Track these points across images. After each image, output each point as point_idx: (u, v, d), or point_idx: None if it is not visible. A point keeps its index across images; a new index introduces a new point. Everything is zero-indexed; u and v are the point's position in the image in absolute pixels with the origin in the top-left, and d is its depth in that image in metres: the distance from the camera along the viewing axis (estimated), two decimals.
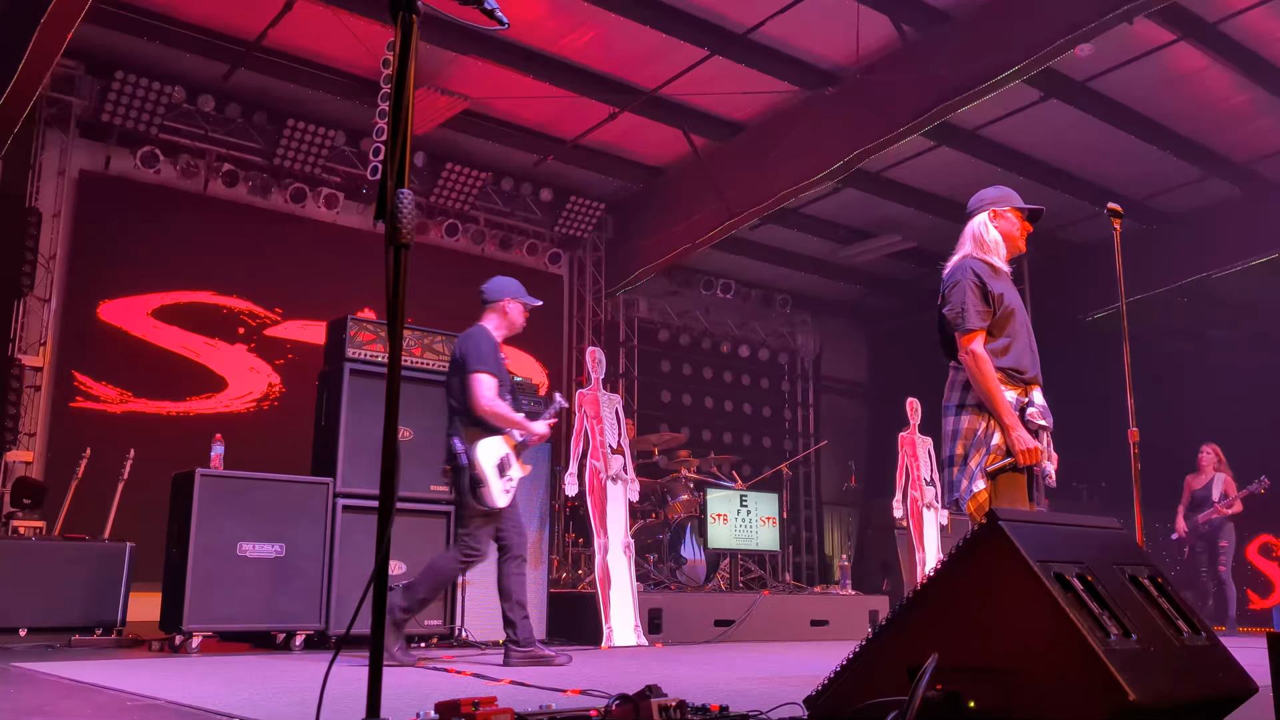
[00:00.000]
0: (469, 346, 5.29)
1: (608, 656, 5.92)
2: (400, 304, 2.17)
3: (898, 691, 2.34)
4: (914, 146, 8.94)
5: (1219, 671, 2.50)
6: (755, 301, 12.66)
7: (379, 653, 2.06)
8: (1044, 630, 2.27)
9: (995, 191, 4.20)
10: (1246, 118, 8.85)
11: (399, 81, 2.18)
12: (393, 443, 2.11)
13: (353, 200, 9.30)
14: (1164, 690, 2.24)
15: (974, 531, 2.47)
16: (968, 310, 3.87)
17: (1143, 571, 2.61)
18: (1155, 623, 2.45)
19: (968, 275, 3.94)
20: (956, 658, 2.36)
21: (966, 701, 2.32)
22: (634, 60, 8.25)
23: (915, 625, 2.53)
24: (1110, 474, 10.52)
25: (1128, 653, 2.24)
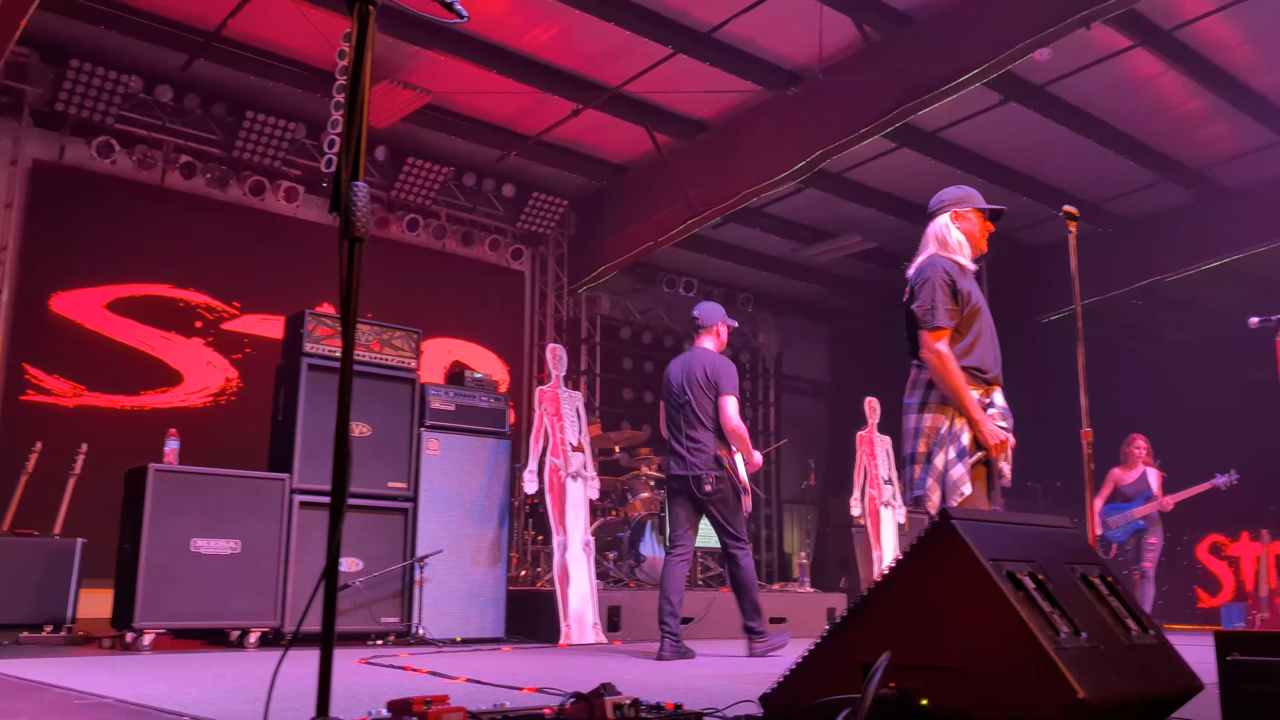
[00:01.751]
0: (721, 370, 5.89)
1: (565, 654, 5.91)
2: (354, 298, 2.14)
3: (852, 689, 2.35)
4: (875, 148, 9.00)
5: (1166, 669, 2.53)
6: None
7: (329, 651, 2.04)
8: (996, 628, 2.29)
9: (956, 191, 4.24)
10: (1200, 123, 8.99)
11: (355, 73, 2.15)
12: (345, 438, 2.08)
13: (313, 194, 9.20)
14: (1113, 688, 2.27)
15: (927, 530, 2.49)
16: (937, 308, 3.90)
17: (1093, 570, 2.64)
18: (1105, 621, 2.48)
19: (938, 272, 3.97)
20: (910, 655, 2.38)
21: (919, 699, 2.33)
22: (598, 57, 8.23)
23: (869, 623, 2.55)
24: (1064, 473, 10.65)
25: (1077, 651, 2.27)
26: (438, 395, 6.90)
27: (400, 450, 6.66)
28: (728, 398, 5.81)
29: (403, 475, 6.62)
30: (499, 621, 6.84)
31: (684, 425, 5.84)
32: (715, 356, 5.97)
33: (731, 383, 5.86)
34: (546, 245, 11.05)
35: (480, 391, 7.15)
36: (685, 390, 5.87)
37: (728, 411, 5.78)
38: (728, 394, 5.81)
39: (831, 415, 13.50)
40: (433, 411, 6.83)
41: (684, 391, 5.87)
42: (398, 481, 6.60)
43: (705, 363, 5.90)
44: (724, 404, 5.79)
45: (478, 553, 6.83)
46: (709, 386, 5.84)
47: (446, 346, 10.07)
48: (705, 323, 6.12)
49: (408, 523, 6.59)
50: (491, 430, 7.08)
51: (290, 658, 2.30)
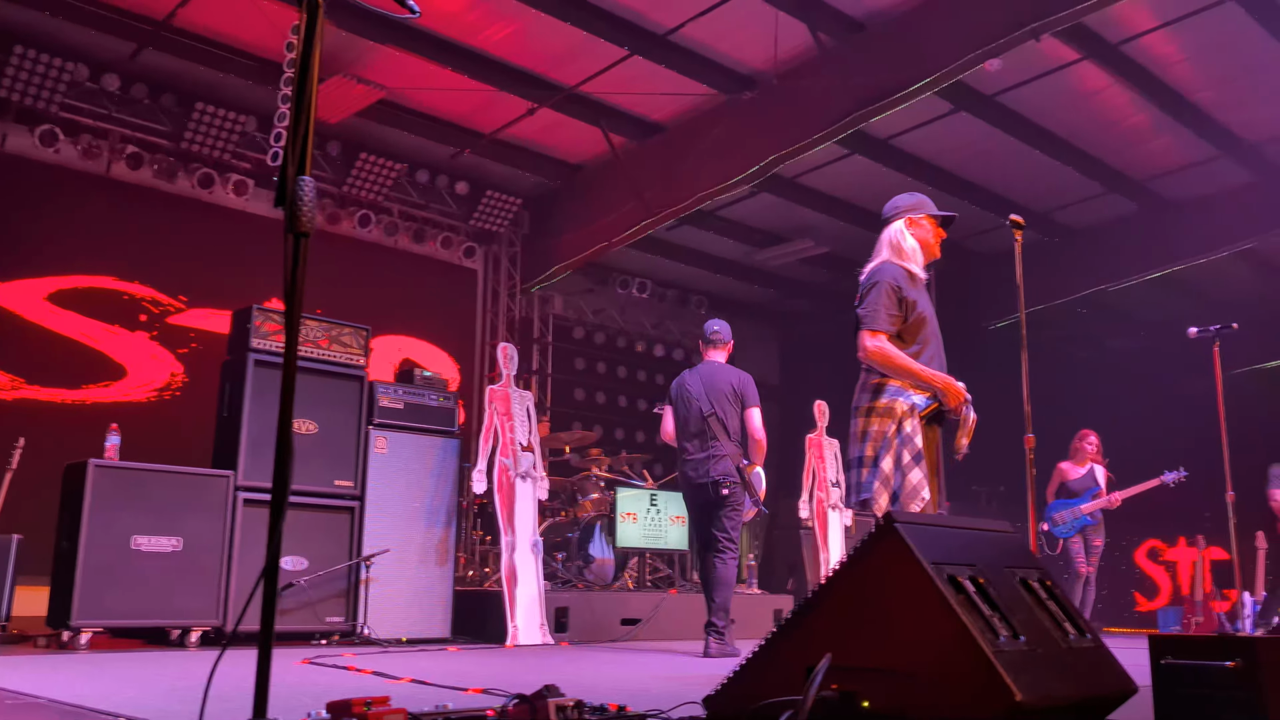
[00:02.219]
0: (747, 384, 6.28)
1: (512, 655, 5.88)
2: (299, 293, 2.11)
3: (796, 691, 2.37)
4: (828, 153, 9.07)
5: (1102, 672, 2.58)
6: (671, 301, 12.72)
7: (267, 650, 2.01)
8: (936, 631, 2.32)
9: (910, 199, 4.29)
10: (1145, 137, 9.18)
11: (303, 67, 2.13)
12: (287, 436, 2.05)
13: (263, 188, 9.08)
14: (1050, 691, 2.31)
15: (871, 534, 2.51)
16: (879, 311, 3.97)
17: (1033, 574, 2.68)
18: (1043, 625, 2.52)
19: (886, 278, 4.04)
20: (853, 658, 2.40)
21: (861, 701, 2.35)
22: (554, 56, 8.22)
23: (813, 625, 2.56)
24: (1008, 478, 10.82)
25: (1016, 654, 2.30)
26: (386, 393, 6.84)
27: (347, 448, 6.59)
28: (756, 409, 6.22)
29: (350, 473, 6.56)
30: (445, 622, 6.79)
31: (708, 436, 6.12)
32: (738, 371, 6.32)
33: (757, 395, 6.28)
34: (500, 244, 11.01)
35: (430, 390, 7.10)
36: (710, 403, 6.15)
37: (757, 423, 6.19)
38: (756, 406, 6.23)
39: (782, 418, 13.58)
40: (381, 410, 6.77)
41: (709, 404, 6.14)
42: (344, 480, 6.53)
43: (731, 377, 6.25)
44: (753, 415, 6.20)
45: (425, 552, 6.78)
46: (735, 400, 6.20)
47: (397, 344, 10.00)
48: (726, 338, 6.46)
49: (354, 521, 6.52)
50: (440, 429, 7.03)
51: (232, 657, 2.28)
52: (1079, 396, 10.85)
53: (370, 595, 6.41)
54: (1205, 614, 9.39)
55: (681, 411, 6.27)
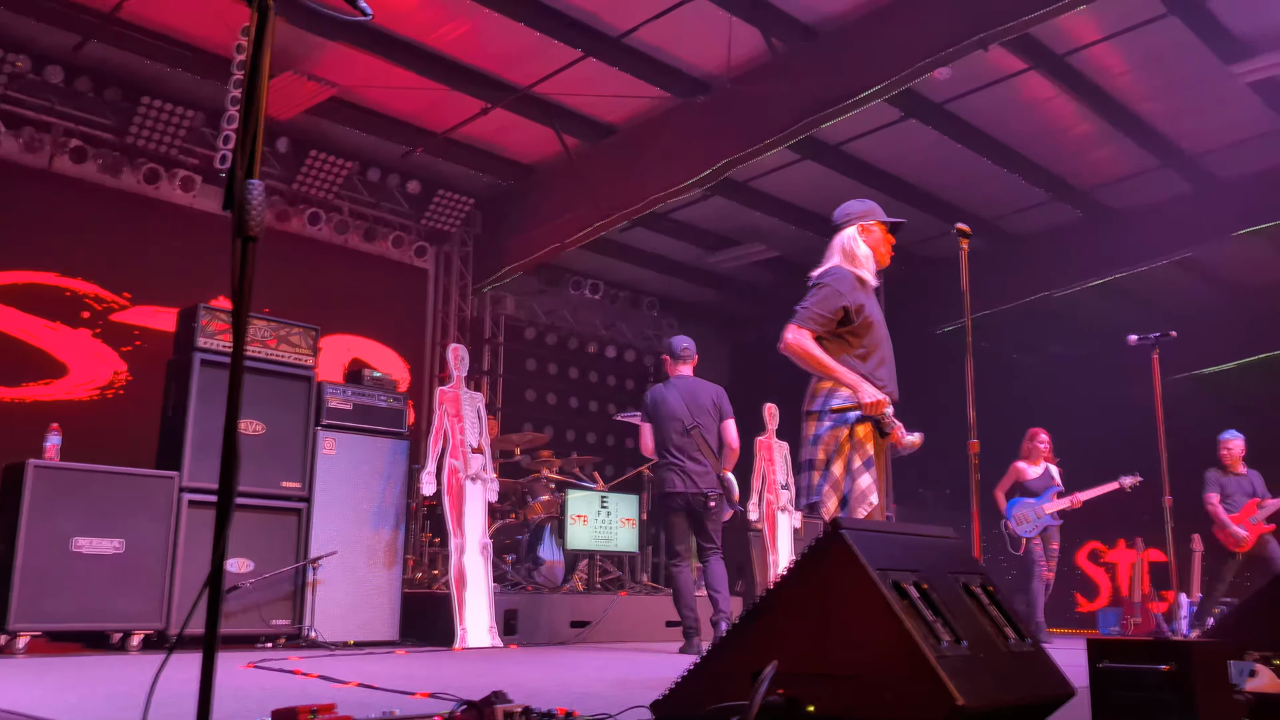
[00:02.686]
0: (723, 396, 6.72)
1: (461, 658, 5.86)
2: (246, 298, 2.09)
3: (744, 696, 2.39)
4: (780, 158, 9.13)
5: (1041, 676, 2.63)
6: (623, 303, 12.73)
7: (211, 655, 1.99)
8: (881, 636, 2.35)
9: (861, 205, 4.34)
10: (1089, 146, 9.35)
11: (253, 69, 2.11)
12: (233, 439, 2.03)
13: (210, 184, 8.95)
14: (991, 695, 2.35)
15: (817, 540, 2.55)
16: (811, 310, 4.03)
17: (975, 580, 2.73)
18: (985, 630, 2.57)
19: (833, 282, 4.09)
20: (799, 663, 2.43)
21: (806, 706, 2.38)
22: (507, 56, 8.19)
23: (761, 630, 2.59)
24: (954, 481, 10.96)
25: (958, 659, 2.34)
26: (335, 394, 6.78)
27: (295, 449, 6.53)
28: (732, 420, 6.66)
29: (297, 475, 6.49)
30: (394, 624, 6.75)
31: (690, 448, 6.47)
32: (713, 385, 6.75)
33: (731, 407, 6.72)
34: (451, 244, 10.95)
35: (379, 391, 7.05)
36: (693, 417, 6.51)
37: (734, 433, 6.63)
38: (731, 417, 6.67)
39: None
40: (329, 410, 6.71)
41: (692, 418, 6.50)
42: (292, 481, 6.47)
43: (710, 391, 6.65)
44: (731, 426, 6.63)
45: (373, 554, 6.73)
46: (715, 413, 6.60)
47: (346, 344, 9.90)
48: (694, 353, 6.84)
49: (301, 523, 6.46)
50: (389, 430, 6.99)
51: (175, 661, 2.25)
52: (1023, 401, 11.02)
53: (317, 598, 6.35)
54: (1143, 615, 9.59)
55: (664, 425, 6.55)
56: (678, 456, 6.47)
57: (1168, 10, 7.33)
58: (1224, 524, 8.30)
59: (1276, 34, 7.49)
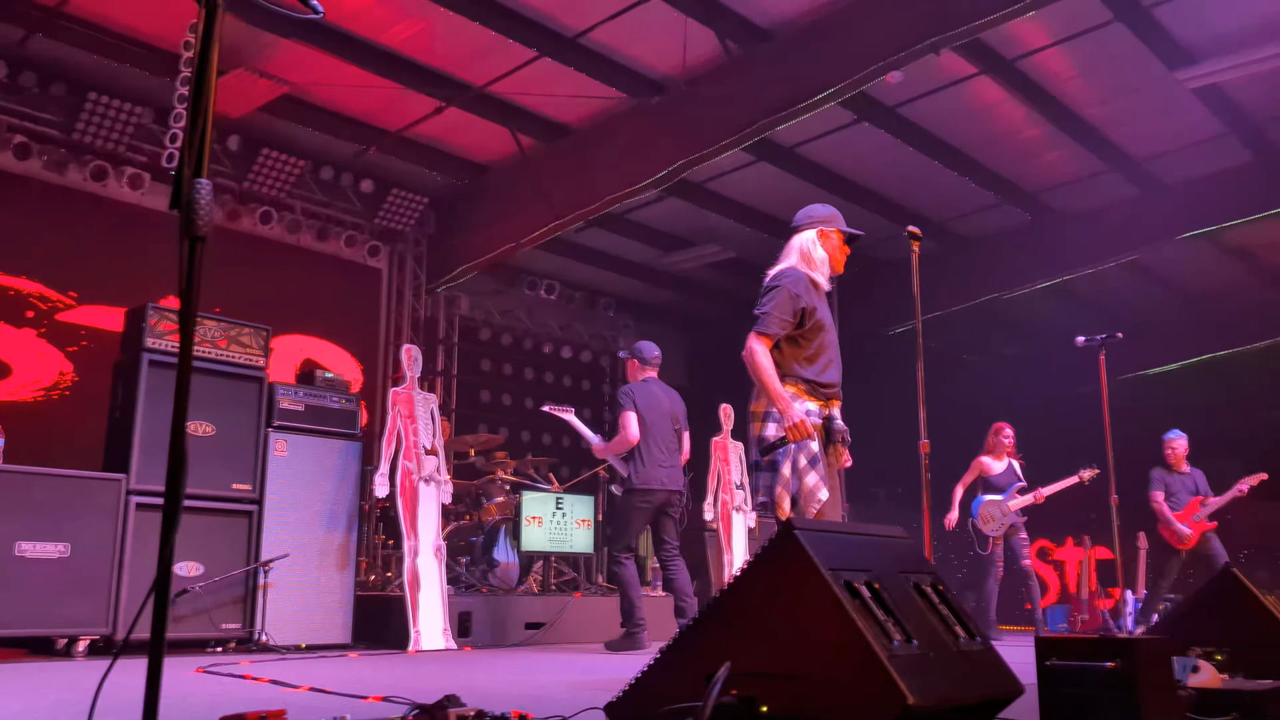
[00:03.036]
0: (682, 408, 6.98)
1: (414, 661, 5.82)
2: (194, 299, 2.06)
3: (698, 696, 2.40)
4: (735, 160, 9.17)
5: (990, 674, 2.67)
6: (579, 304, 12.71)
7: (158, 660, 1.96)
8: (833, 636, 2.37)
9: (823, 210, 4.40)
10: (1038, 150, 9.49)
11: (200, 67, 2.08)
12: (180, 441, 2.01)
13: (159, 181, 8.81)
14: (941, 693, 2.38)
15: (771, 540, 2.56)
16: (772, 315, 4.09)
17: (925, 579, 2.76)
18: (935, 628, 2.60)
19: (788, 283, 4.14)
20: (753, 663, 2.44)
21: (759, 706, 2.39)
22: (462, 56, 8.15)
23: (715, 631, 2.60)
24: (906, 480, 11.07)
25: (909, 658, 2.37)
26: (287, 395, 6.71)
27: (246, 451, 6.45)
28: (687, 433, 7.03)
29: (248, 476, 6.41)
30: (346, 627, 6.69)
31: (669, 450, 6.72)
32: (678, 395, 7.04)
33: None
34: (405, 243, 10.87)
35: (331, 392, 6.98)
36: (675, 421, 6.82)
37: (688, 444, 7.08)
38: (687, 429, 7.03)
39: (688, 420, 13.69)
40: (281, 411, 6.63)
41: (674, 422, 6.80)
42: (242, 483, 6.38)
43: (679, 401, 6.97)
44: (687, 437, 7.05)
45: (325, 557, 6.66)
46: (681, 420, 6.92)
47: (298, 344, 9.79)
48: (660, 361, 7.08)
49: (252, 525, 6.38)
50: (342, 432, 6.92)
51: (123, 667, 2.21)
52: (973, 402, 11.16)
53: (268, 601, 6.28)
54: (1090, 611, 9.76)
55: (656, 421, 6.69)
56: (664, 454, 6.65)
57: (1114, 17, 7.46)
58: (1168, 521, 8.46)
59: (1220, 41, 7.65)
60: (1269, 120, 8.90)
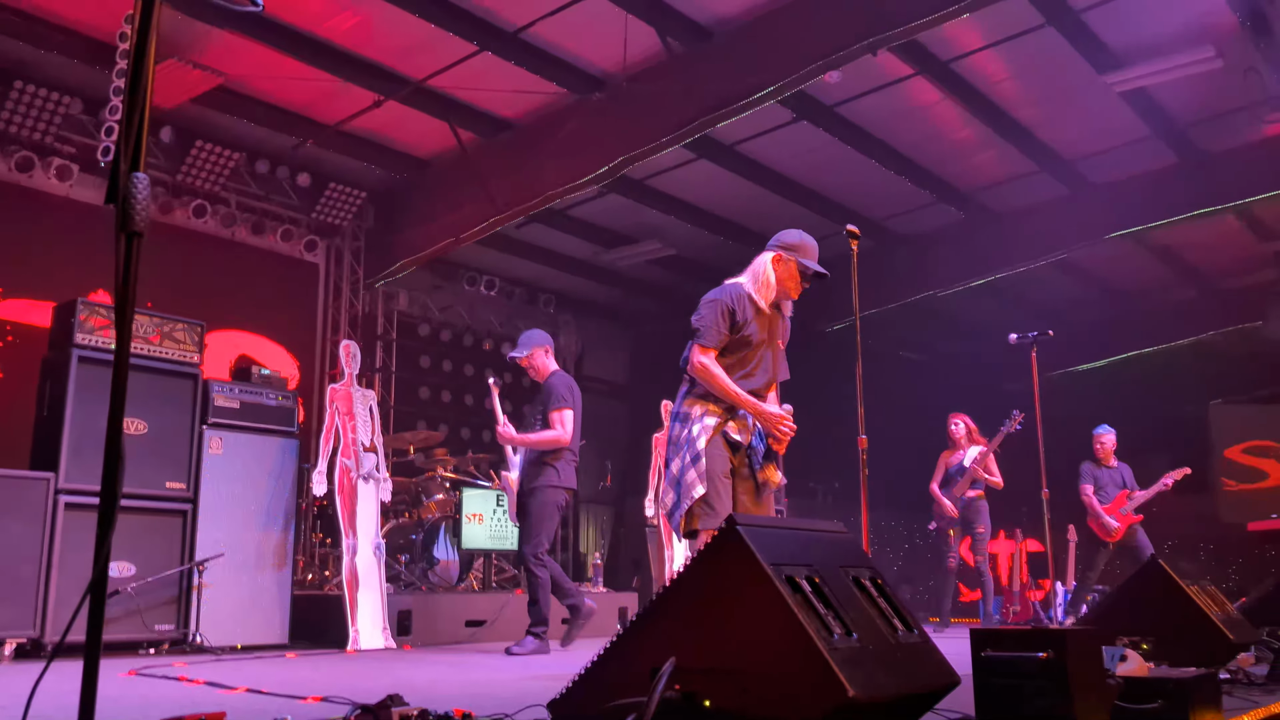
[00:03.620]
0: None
1: (353, 660, 5.77)
2: (131, 296, 2.02)
3: (641, 692, 2.42)
4: (676, 157, 9.20)
5: (927, 666, 2.72)
6: (519, 299, 12.66)
7: (94, 662, 1.92)
8: (775, 630, 2.40)
9: (794, 237, 4.47)
10: (971, 150, 9.66)
11: (137, 58, 2.04)
12: (117, 439, 1.97)
13: (89, 173, 8.59)
14: (880, 685, 2.42)
15: (714, 537, 2.59)
16: (709, 328, 4.24)
17: (864, 573, 2.81)
18: (874, 622, 2.65)
19: (724, 298, 4.26)
20: (697, 658, 2.46)
21: (702, 701, 2.42)
22: (401, 49, 8.06)
23: (658, 627, 2.62)
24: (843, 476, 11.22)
25: (849, 650, 2.40)
26: (222, 391, 6.60)
27: (180, 449, 6.34)
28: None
29: (182, 475, 6.31)
30: (283, 627, 6.60)
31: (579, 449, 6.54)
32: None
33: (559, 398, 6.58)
34: (343, 238, 10.73)
35: (268, 388, 6.88)
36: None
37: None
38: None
39: (630, 417, 13.71)
40: (216, 409, 6.53)
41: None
42: (176, 481, 6.28)
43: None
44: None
45: (262, 556, 6.57)
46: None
47: (233, 340, 9.63)
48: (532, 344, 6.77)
49: (187, 525, 6.27)
50: (279, 429, 6.83)
51: (54, 670, 2.17)
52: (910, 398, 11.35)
53: (203, 601, 6.18)
54: (1022, 603, 9.97)
55: (578, 418, 6.53)
56: (577, 449, 6.51)
57: (1046, 20, 7.61)
58: (1097, 514, 8.68)
59: (1145, 47, 7.85)
60: (1192, 124, 9.16)
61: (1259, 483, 12.46)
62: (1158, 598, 4.43)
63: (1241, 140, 9.25)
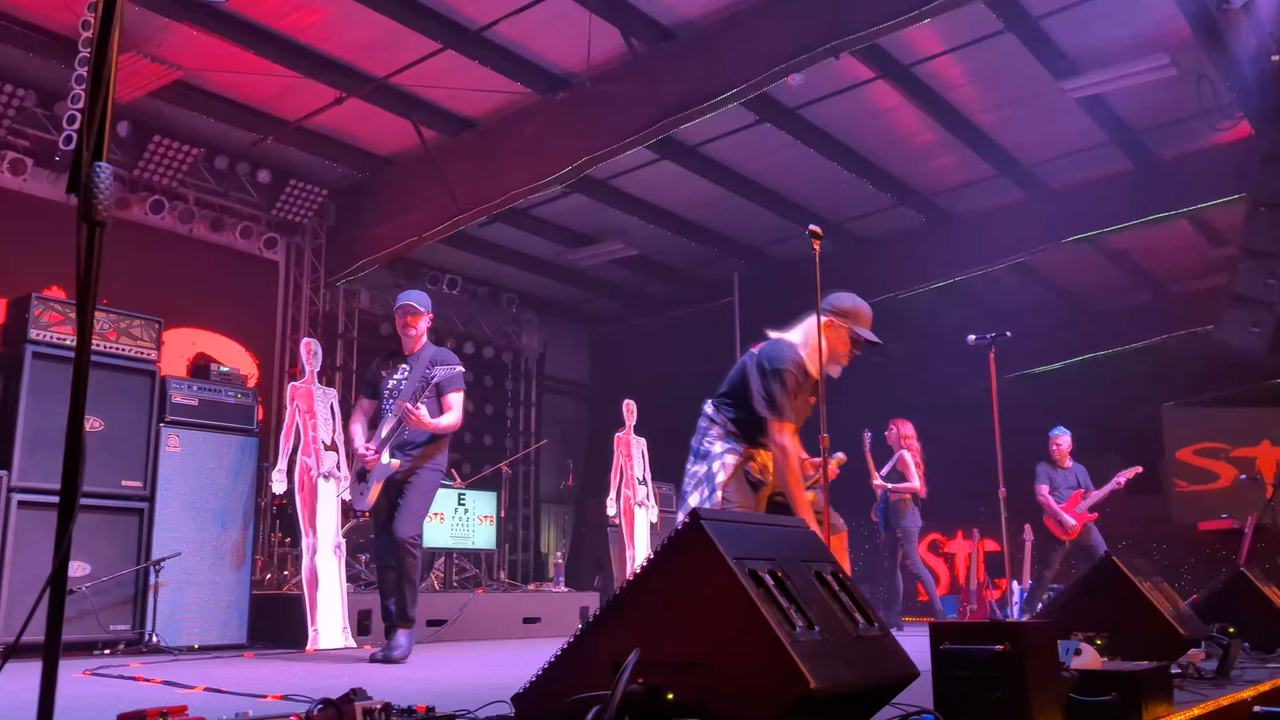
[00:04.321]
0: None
1: (313, 660, 5.73)
2: (93, 286, 2.01)
3: (605, 687, 2.42)
4: (639, 157, 9.23)
5: (888, 659, 2.75)
6: (482, 299, 12.63)
7: (54, 660, 1.90)
8: (739, 623, 2.42)
9: (850, 302, 4.44)
10: (931, 154, 9.77)
11: (100, 45, 2.03)
12: (79, 436, 1.95)
13: (43, 167, 8.47)
14: (841, 677, 2.45)
15: (678, 531, 2.60)
16: (783, 404, 4.15)
17: (825, 568, 2.84)
18: (836, 615, 2.67)
19: (789, 366, 4.20)
20: (660, 652, 2.47)
21: (665, 694, 2.43)
22: (363, 45, 8.02)
23: (622, 621, 2.63)
24: None
25: (811, 644, 2.43)
26: (179, 389, 6.53)
27: (136, 447, 6.26)
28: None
29: (139, 473, 6.23)
30: (242, 627, 6.54)
31: None
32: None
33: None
34: (303, 235, 10.64)
35: (227, 386, 6.82)
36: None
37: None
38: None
39: (591, 416, 13.72)
40: (174, 406, 6.45)
41: None
42: (133, 480, 6.20)
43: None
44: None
45: (220, 556, 6.50)
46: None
47: (190, 337, 9.51)
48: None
49: (143, 524, 6.20)
50: (238, 427, 6.77)
51: (7, 671, 2.14)
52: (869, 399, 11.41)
53: (160, 601, 6.11)
54: (979, 602, 10.08)
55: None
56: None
57: (1005, 27, 7.72)
58: (1054, 513, 8.80)
59: (1101, 54, 7.98)
60: (1146, 130, 9.32)
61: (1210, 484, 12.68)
62: (1111, 594, 4.50)
63: (1194, 146, 9.43)
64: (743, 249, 11.70)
